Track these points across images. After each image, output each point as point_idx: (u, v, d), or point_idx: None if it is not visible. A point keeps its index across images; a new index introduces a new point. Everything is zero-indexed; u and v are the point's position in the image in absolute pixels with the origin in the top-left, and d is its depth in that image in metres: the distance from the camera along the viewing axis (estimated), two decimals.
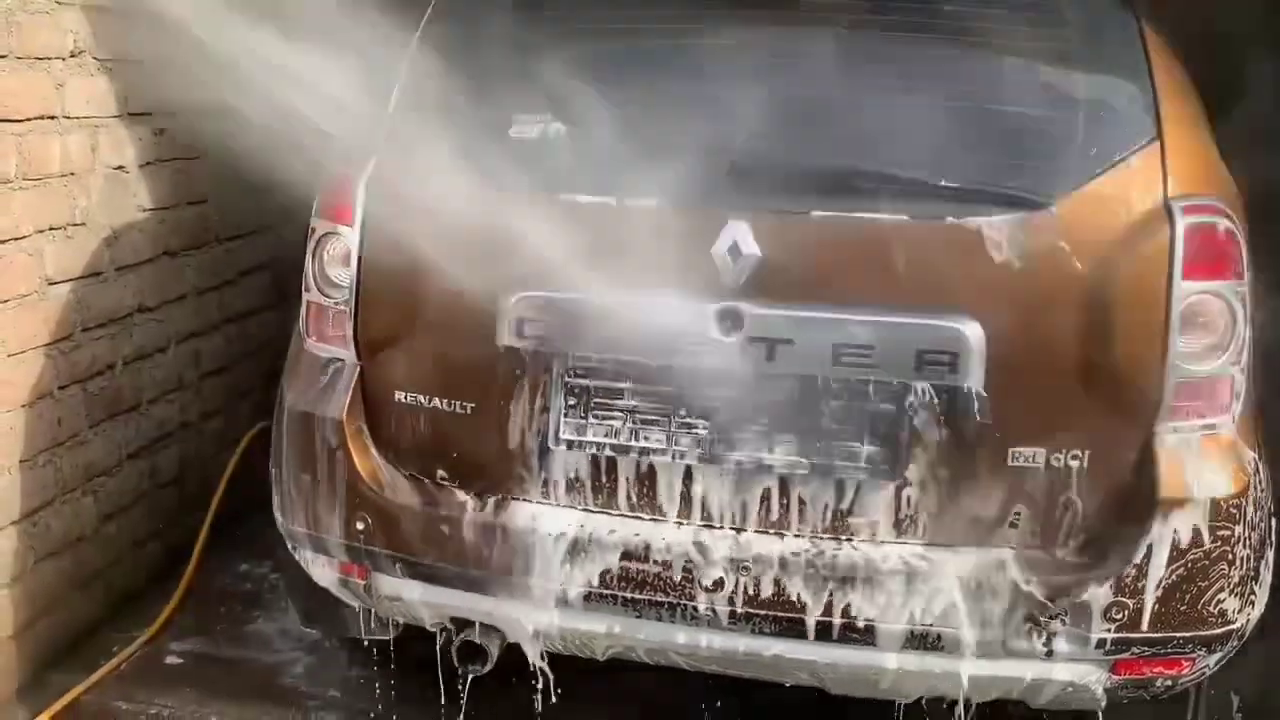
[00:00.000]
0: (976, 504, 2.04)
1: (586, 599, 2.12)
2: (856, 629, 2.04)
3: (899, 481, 2.05)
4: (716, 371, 2.06)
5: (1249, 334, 2.03)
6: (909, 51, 2.15)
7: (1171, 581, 1.99)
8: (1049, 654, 2.02)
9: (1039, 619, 2.01)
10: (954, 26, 2.13)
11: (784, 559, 2.05)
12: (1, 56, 2.49)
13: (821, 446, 2.06)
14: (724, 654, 2.14)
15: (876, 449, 2.05)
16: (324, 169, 2.29)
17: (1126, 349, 1.98)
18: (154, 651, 2.91)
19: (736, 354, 2.03)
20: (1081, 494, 2.03)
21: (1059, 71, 2.10)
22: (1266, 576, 2.15)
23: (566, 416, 2.14)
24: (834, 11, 2.18)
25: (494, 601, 2.18)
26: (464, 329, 2.16)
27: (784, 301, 2.02)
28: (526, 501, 2.18)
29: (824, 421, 2.06)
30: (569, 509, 2.16)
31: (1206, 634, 2.04)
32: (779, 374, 2.04)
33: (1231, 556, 2.02)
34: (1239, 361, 2.03)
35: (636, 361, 2.09)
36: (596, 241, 2.10)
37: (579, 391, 2.14)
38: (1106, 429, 2.01)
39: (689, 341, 2.05)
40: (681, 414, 2.10)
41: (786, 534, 2.09)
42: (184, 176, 3.19)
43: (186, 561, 3.19)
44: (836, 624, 2.04)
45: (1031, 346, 1.99)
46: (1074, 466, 2.01)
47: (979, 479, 2.03)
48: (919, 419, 2.03)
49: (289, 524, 2.35)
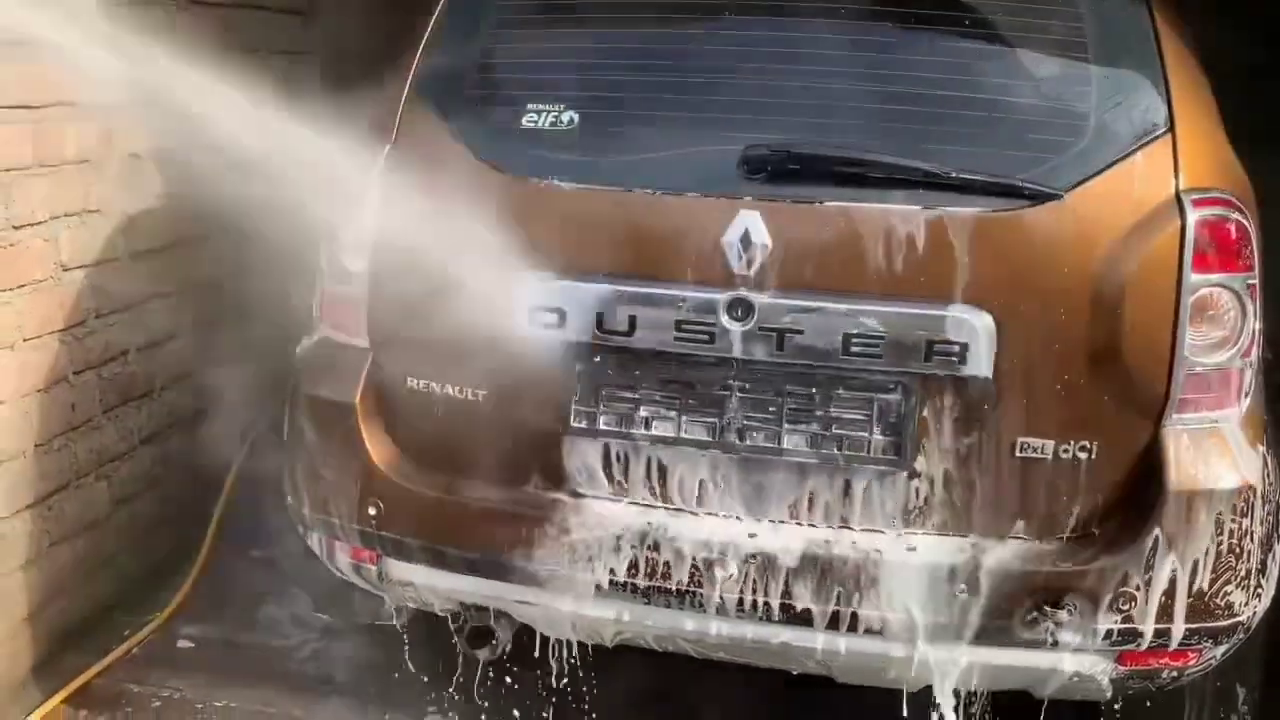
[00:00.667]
0: (984, 494, 2.05)
1: (597, 586, 2.13)
2: (864, 617, 2.05)
3: (907, 471, 2.06)
4: (727, 360, 2.07)
5: (1258, 327, 2.04)
6: (921, 42, 2.16)
7: (1177, 573, 2.00)
8: (1055, 644, 2.03)
9: (1046, 609, 2.01)
10: (966, 17, 2.13)
11: (792, 547, 2.07)
12: (19, 43, 2.51)
13: (830, 436, 2.07)
14: (732, 641, 2.15)
15: (885, 438, 2.06)
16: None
17: (1136, 341, 1.99)
18: (166, 635, 2.94)
19: (747, 342, 2.04)
20: (1089, 485, 2.03)
21: (1071, 62, 2.10)
22: (1274, 569, 2.15)
23: (578, 404, 2.15)
24: (847, 2, 2.19)
25: (504, 587, 2.20)
26: (475, 316, 2.17)
27: (794, 291, 2.03)
28: (536, 489, 2.20)
29: (833, 411, 2.07)
30: (579, 497, 2.17)
31: (1213, 626, 2.04)
32: (789, 363, 2.05)
33: (1238, 549, 2.03)
34: (1248, 355, 2.03)
35: (648, 350, 2.10)
36: (608, 230, 2.12)
37: (591, 380, 2.15)
38: (1115, 420, 2.01)
39: (700, 330, 2.06)
40: (692, 403, 2.12)
41: (795, 523, 2.10)
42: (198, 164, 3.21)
43: (198, 547, 3.21)
44: (844, 612, 2.05)
45: (1041, 337, 1.99)
46: (1082, 458, 2.02)
47: (987, 469, 2.04)
48: (928, 409, 2.04)
49: (301, 509, 2.36)
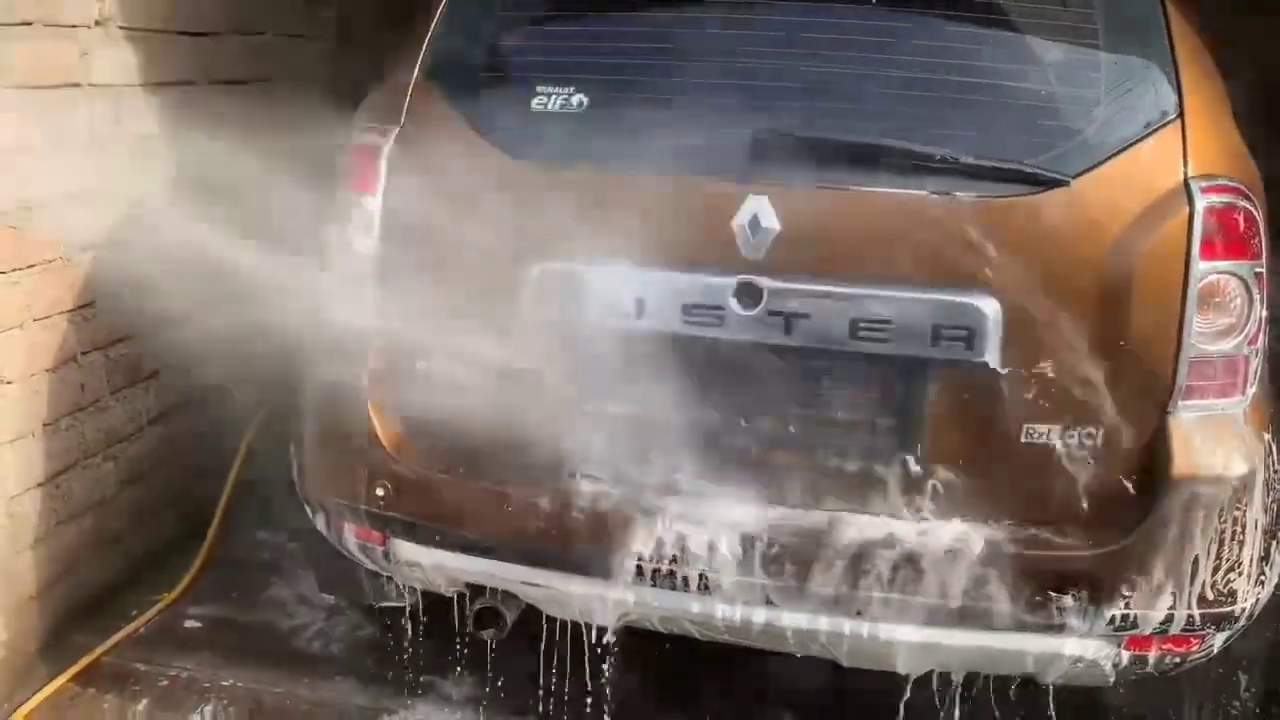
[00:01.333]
0: (990, 479, 2.06)
1: (604, 569, 2.13)
2: (869, 602, 2.06)
3: (913, 456, 2.06)
4: (734, 344, 2.08)
5: (1265, 315, 2.04)
6: (931, 27, 2.15)
7: (1182, 560, 2.01)
8: (1060, 630, 2.04)
9: (1051, 595, 2.02)
10: (977, 2, 2.13)
11: (799, 531, 2.07)
12: (28, 24, 2.51)
13: (837, 420, 2.08)
14: (738, 625, 2.16)
15: (892, 423, 2.07)
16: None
17: (1142, 327, 1.99)
18: (172, 615, 2.95)
19: (755, 327, 2.05)
20: (1095, 471, 2.04)
21: (1081, 49, 2.10)
22: (1277, 557, 2.16)
23: (585, 388, 2.16)
24: None
25: (511, 568, 2.21)
26: (484, 300, 2.18)
27: (803, 275, 2.04)
28: (543, 472, 2.19)
29: (840, 395, 2.08)
30: (586, 479, 2.17)
31: (1216, 612, 2.05)
32: (796, 347, 2.05)
33: (1243, 537, 2.04)
34: (1255, 343, 2.04)
35: (656, 333, 2.10)
36: (616, 213, 2.12)
37: (598, 362, 2.15)
38: (1121, 407, 2.01)
39: (708, 314, 2.06)
40: (700, 387, 2.12)
41: (802, 507, 2.11)
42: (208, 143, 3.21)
43: (204, 527, 3.22)
44: (850, 597, 2.06)
45: (1048, 323, 1.99)
46: (1088, 444, 2.03)
47: (993, 455, 2.04)
48: (935, 395, 2.04)
49: (308, 490, 2.37)
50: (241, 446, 3.41)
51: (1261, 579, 2.12)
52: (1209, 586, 2.03)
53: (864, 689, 2.36)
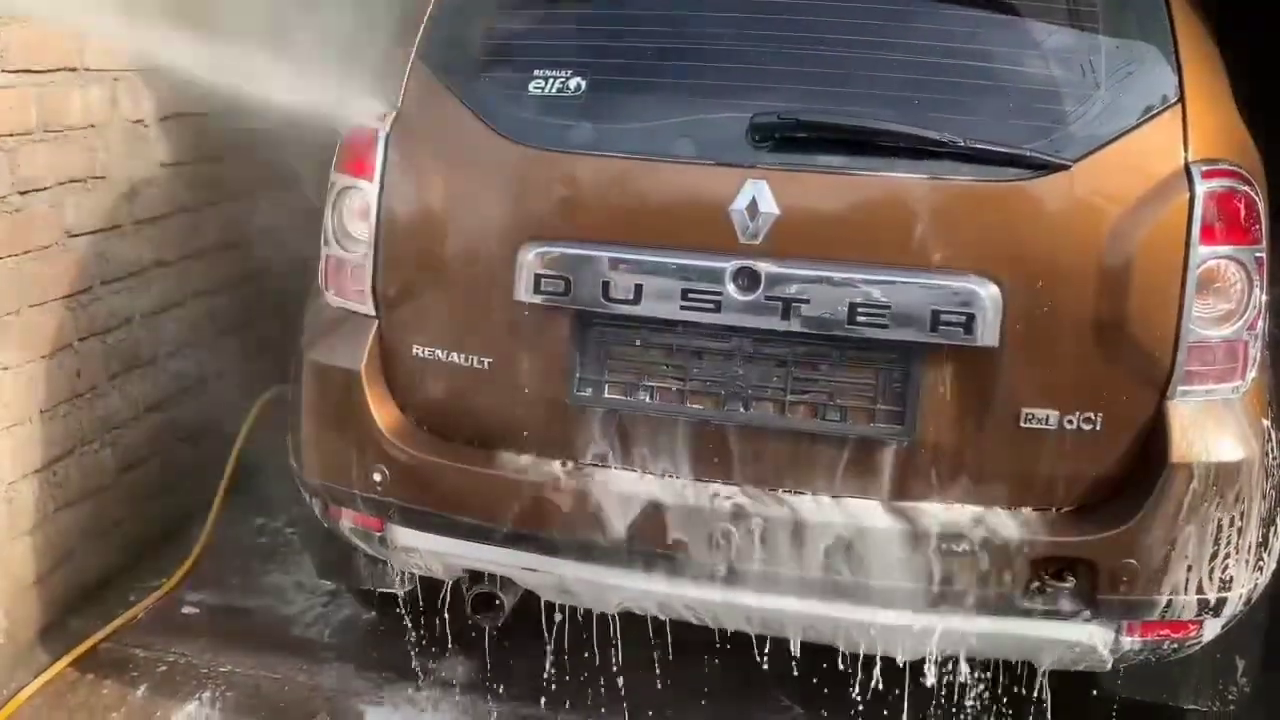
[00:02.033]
0: (989, 464, 2.05)
1: (601, 553, 2.14)
2: (867, 586, 2.06)
3: (912, 440, 2.06)
4: (732, 329, 2.07)
5: (1265, 300, 2.03)
6: (930, 10, 2.14)
7: (1180, 545, 2.00)
8: (1057, 614, 2.04)
9: (1049, 580, 2.02)
10: None
11: (796, 517, 2.07)
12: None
13: (835, 405, 2.08)
14: (735, 610, 2.16)
15: (890, 408, 2.06)
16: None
17: (1142, 312, 1.98)
18: (170, 601, 2.96)
19: (753, 311, 2.04)
20: (1094, 456, 2.03)
21: (1081, 32, 2.09)
22: (1276, 543, 2.16)
23: (582, 372, 2.16)
24: None
25: (508, 553, 2.21)
26: (481, 284, 2.17)
27: (801, 259, 2.03)
28: (541, 457, 2.20)
29: (838, 380, 2.07)
30: (583, 464, 2.18)
31: (1214, 598, 2.05)
32: (795, 331, 2.04)
33: (1241, 522, 2.03)
34: (1254, 328, 2.03)
35: (652, 317, 2.09)
36: (614, 197, 2.11)
37: (594, 347, 2.15)
38: (1120, 391, 2.01)
39: (706, 298, 2.05)
40: (697, 371, 2.12)
41: (799, 492, 2.10)
42: (202, 132, 3.20)
43: (202, 514, 3.23)
44: (847, 581, 2.06)
45: (1047, 308, 1.99)
46: (1087, 429, 2.02)
47: (992, 439, 2.04)
48: (933, 379, 2.04)
49: (305, 476, 2.37)
50: (241, 432, 3.41)
51: (1260, 564, 2.11)
52: (1207, 572, 2.03)
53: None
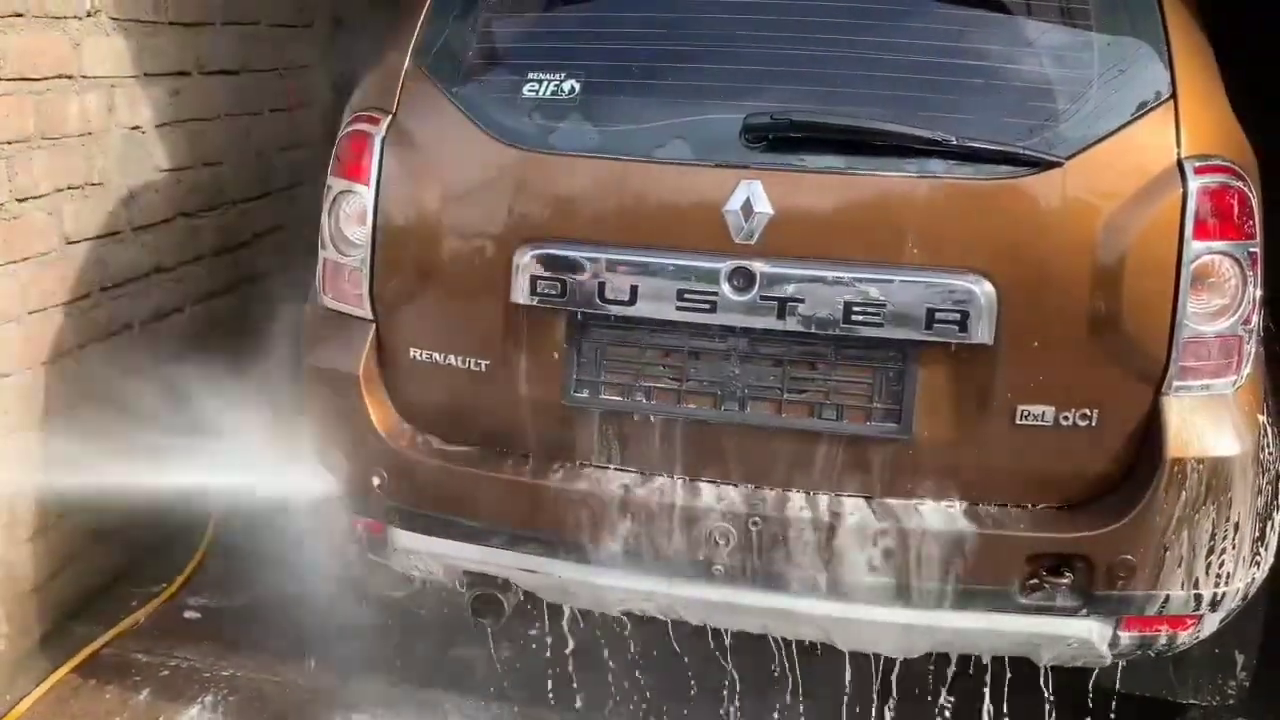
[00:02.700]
0: (985, 461, 2.06)
1: (600, 554, 2.14)
2: (864, 584, 2.06)
3: (908, 438, 2.07)
4: (728, 329, 2.08)
5: (1260, 295, 2.04)
6: (922, 9, 2.15)
7: (1177, 540, 2.01)
8: (1055, 610, 2.05)
9: (1046, 576, 2.03)
10: None
11: (793, 515, 2.08)
12: (19, 15, 2.51)
13: (832, 404, 2.08)
14: (735, 608, 2.17)
15: (887, 406, 2.07)
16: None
17: (1136, 308, 1.99)
18: (172, 606, 2.96)
19: (748, 311, 2.05)
20: (1090, 452, 2.04)
21: (1074, 29, 2.09)
22: (1273, 538, 2.16)
23: (579, 374, 2.16)
24: None
25: (508, 555, 2.22)
26: (477, 286, 2.18)
27: (796, 259, 2.04)
28: (539, 459, 2.21)
29: (834, 379, 2.08)
30: (581, 466, 2.18)
31: (1211, 593, 2.06)
32: (790, 331, 2.05)
33: (1238, 517, 2.04)
34: (1249, 323, 2.03)
35: (648, 318, 2.10)
36: (609, 199, 2.12)
37: (591, 349, 2.16)
38: (1115, 388, 2.02)
39: (701, 299, 2.06)
40: (693, 372, 2.13)
41: (795, 490, 2.11)
42: (199, 138, 3.21)
43: (204, 518, 3.23)
44: (845, 579, 2.07)
45: (1042, 305, 1.99)
46: (1082, 425, 2.03)
47: (988, 436, 2.05)
48: (929, 377, 2.05)
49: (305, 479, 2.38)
50: None
51: (1257, 559, 2.12)
52: (1205, 567, 2.03)
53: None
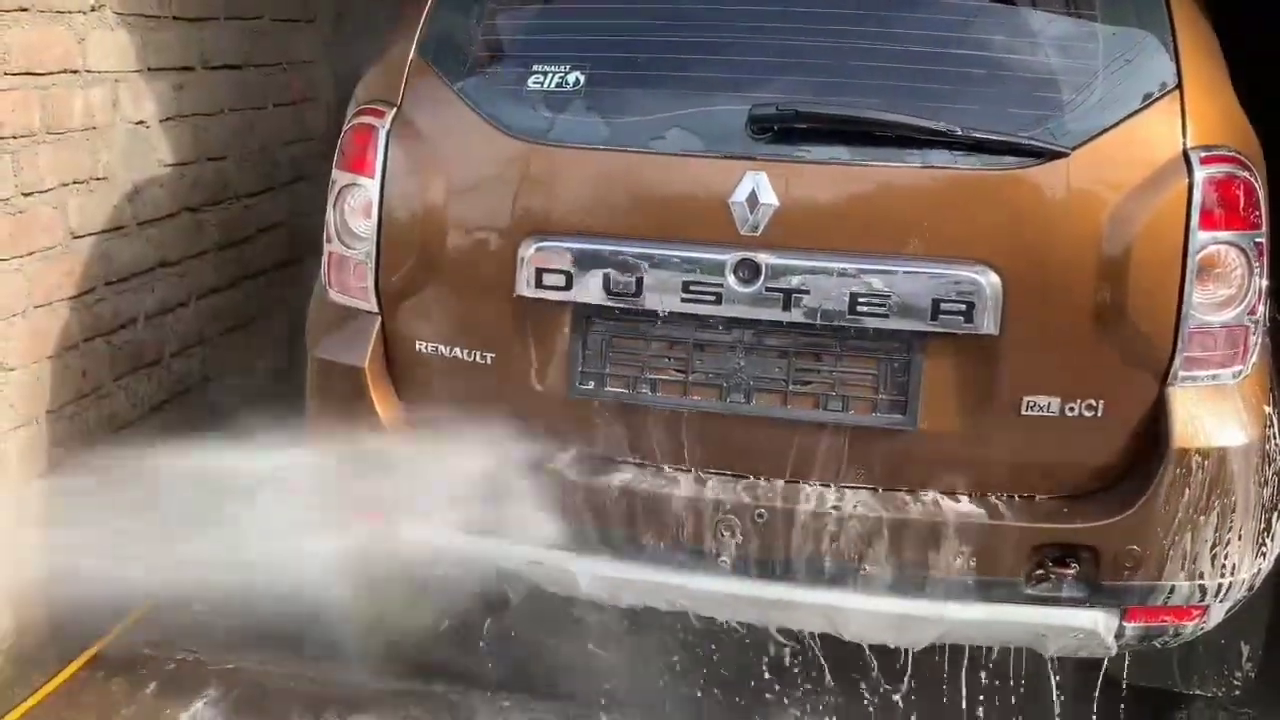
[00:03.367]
0: (990, 451, 2.06)
1: (606, 547, 2.15)
2: (869, 575, 2.06)
3: (914, 429, 2.07)
4: (734, 320, 2.08)
5: (1265, 285, 2.04)
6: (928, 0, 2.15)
7: (1183, 531, 2.01)
8: (1060, 601, 2.05)
9: (1052, 566, 2.03)
10: None
11: (799, 506, 2.08)
12: (24, 10, 2.51)
13: (837, 394, 2.09)
14: (741, 601, 2.17)
15: (892, 397, 2.07)
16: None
17: (1142, 298, 1.99)
18: (181, 600, 2.96)
19: (754, 303, 2.05)
20: (1095, 443, 2.04)
21: (1079, 20, 2.09)
22: (1279, 529, 2.16)
23: (584, 366, 2.17)
24: None
25: (514, 547, 2.21)
26: (482, 279, 2.18)
27: (801, 251, 2.04)
28: (544, 450, 2.20)
29: (840, 371, 2.08)
30: (587, 458, 2.18)
31: (1217, 583, 2.06)
32: (796, 322, 2.05)
33: (1244, 508, 2.04)
34: (1255, 313, 2.03)
35: (653, 311, 2.10)
36: (614, 191, 2.12)
37: (596, 341, 2.16)
38: (1121, 378, 2.02)
39: (706, 291, 2.06)
40: (699, 364, 2.13)
41: (802, 482, 2.11)
42: (204, 133, 3.21)
43: None
44: (850, 570, 2.07)
45: (1048, 295, 2.00)
46: (1088, 416, 2.03)
47: (994, 427, 2.05)
48: (934, 368, 2.05)
49: None
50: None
51: (1262, 550, 2.12)
52: (1209, 558, 2.03)
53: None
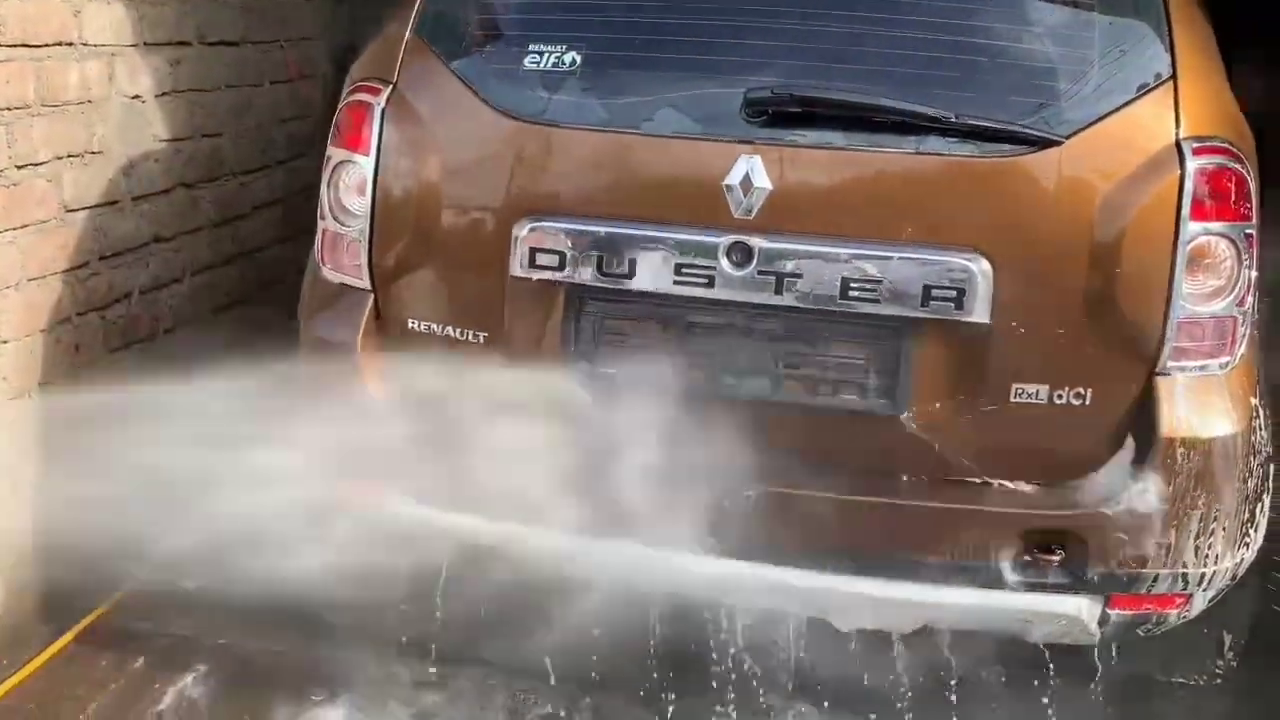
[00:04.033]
0: (979, 438, 2.07)
1: (597, 528, 2.15)
2: (858, 559, 2.08)
3: (903, 415, 2.08)
4: (726, 303, 2.09)
5: (1254, 277, 2.05)
6: None
7: (1168, 519, 2.03)
8: (1045, 587, 2.06)
9: (1037, 553, 2.05)
10: None
11: (788, 491, 2.09)
12: None
13: (827, 379, 2.10)
14: (733, 583, 2.18)
15: (882, 382, 2.08)
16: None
17: (1132, 288, 2.00)
18: (174, 576, 2.97)
19: (746, 286, 2.05)
20: (1083, 431, 2.05)
21: (1075, 9, 2.09)
22: (1262, 519, 2.18)
23: (577, 347, 2.17)
24: None
25: (505, 527, 2.22)
26: (476, 258, 2.19)
27: (794, 235, 2.04)
28: (536, 431, 2.21)
29: (831, 355, 2.09)
30: (579, 439, 2.19)
31: (1201, 572, 2.08)
32: (788, 306, 2.06)
33: (1228, 498, 2.05)
34: (1244, 304, 2.05)
35: (646, 292, 2.11)
36: (609, 172, 2.12)
37: (589, 323, 2.16)
38: (1109, 367, 2.03)
39: (698, 273, 2.06)
40: (690, 346, 2.13)
41: (789, 464, 2.12)
42: (200, 109, 3.21)
43: None
44: (839, 555, 2.08)
45: (1038, 283, 2.01)
46: (1076, 404, 2.04)
47: (983, 414, 2.06)
48: (924, 354, 2.06)
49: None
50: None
51: (1246, 540, 2.14)
52: (1195, 547, 2.05)
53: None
